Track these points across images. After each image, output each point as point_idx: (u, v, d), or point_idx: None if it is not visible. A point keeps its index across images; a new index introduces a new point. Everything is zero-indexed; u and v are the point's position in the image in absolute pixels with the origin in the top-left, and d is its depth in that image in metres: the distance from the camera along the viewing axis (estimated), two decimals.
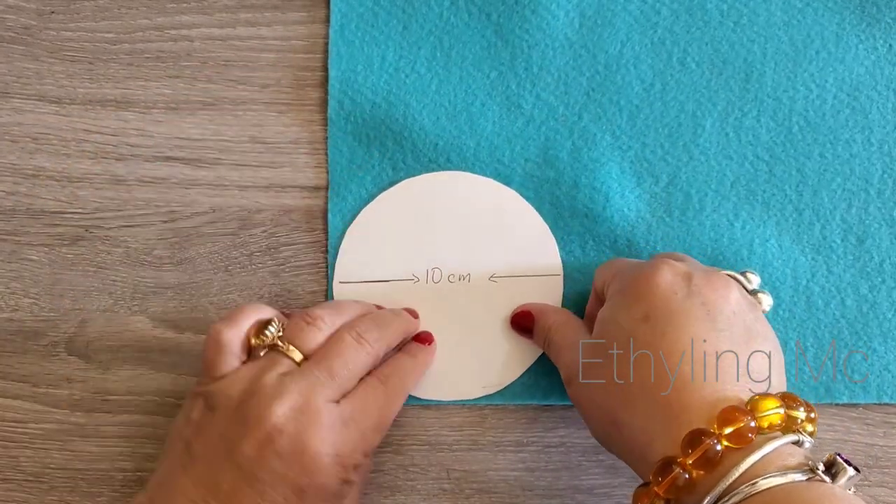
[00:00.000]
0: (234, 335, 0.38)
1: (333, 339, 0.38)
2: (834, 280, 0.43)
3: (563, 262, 0.44)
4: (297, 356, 0.38)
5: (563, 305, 0.44)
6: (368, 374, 0.39)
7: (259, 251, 0.44)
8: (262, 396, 0.36)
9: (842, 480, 0.31)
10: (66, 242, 0.44)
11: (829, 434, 0.43)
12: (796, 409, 0.33)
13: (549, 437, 0.43)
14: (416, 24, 0.45)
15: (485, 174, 0.44)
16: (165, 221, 0.44)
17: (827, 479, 0.31)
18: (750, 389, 0.34)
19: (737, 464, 0.31)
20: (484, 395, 0.43)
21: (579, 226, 0.44)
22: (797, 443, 0.33)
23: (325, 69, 0.45)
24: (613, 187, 0.44)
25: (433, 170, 0.44)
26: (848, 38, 0.45)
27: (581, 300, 0.43)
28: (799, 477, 0.30)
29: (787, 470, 0.31)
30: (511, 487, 0.43)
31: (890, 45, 0.45)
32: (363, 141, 0.44)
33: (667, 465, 0.32)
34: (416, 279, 0.44)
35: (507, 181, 0.44)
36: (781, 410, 0.33)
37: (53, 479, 0.42)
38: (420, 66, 0.45)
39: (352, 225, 0.44)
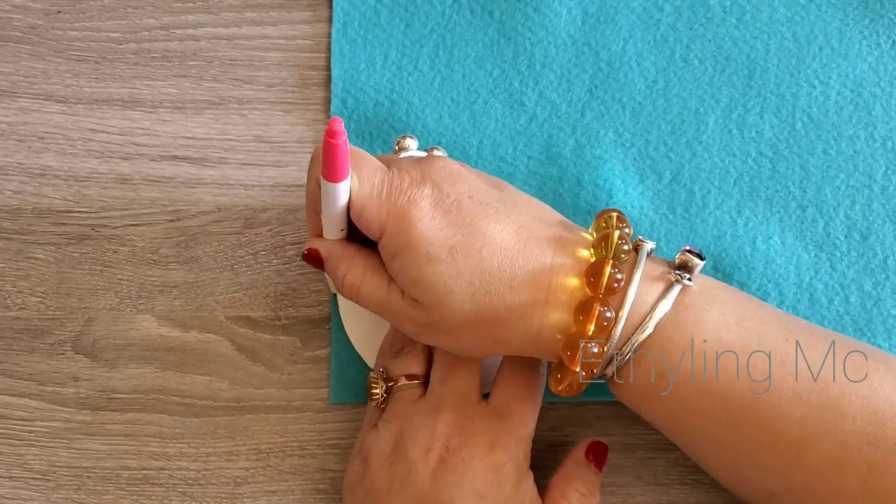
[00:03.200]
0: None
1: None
2: (837, 277, 0.43)
3: None
4: (415, 381, 0.39)
5: None
6: None
7: (264, 250, 0.44)
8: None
9: (695, 273, 0.35)
10: (72, 241, 0.44)
11: None
12: (615, 224, 0.36)
13: (553, 436, 0.43)
14: (418, 22, 0.45)
15: (488, 171, 0.44)
16: (171, 220, 0.44)
17: (687, 281, 0.34)
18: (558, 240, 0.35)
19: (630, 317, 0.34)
20: (488, 392, 0.43)
21: (582, 223, 0.44)
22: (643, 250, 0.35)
23: (330, 68, 0.45)
24: (616, 184, 0.44)
25: None
26: (851, 35, 0.45)
27: None
28: (668, 303, 0.34)
29: (660, 287, 0.34)
30: None
31: (893, 42, 0.45)
32: (366, 139, 0.45)
33: (572, 341, 0.34)
34: None
35: (510, 178, 0.44)
36: (617, 233, 0.35)
37: (60, 477, 0.42)
38: (422, 64, 0.45)
39: None
